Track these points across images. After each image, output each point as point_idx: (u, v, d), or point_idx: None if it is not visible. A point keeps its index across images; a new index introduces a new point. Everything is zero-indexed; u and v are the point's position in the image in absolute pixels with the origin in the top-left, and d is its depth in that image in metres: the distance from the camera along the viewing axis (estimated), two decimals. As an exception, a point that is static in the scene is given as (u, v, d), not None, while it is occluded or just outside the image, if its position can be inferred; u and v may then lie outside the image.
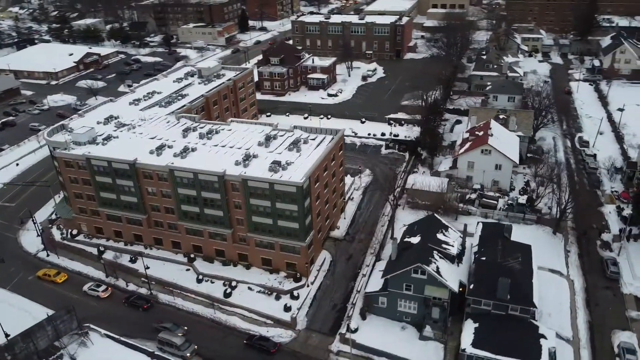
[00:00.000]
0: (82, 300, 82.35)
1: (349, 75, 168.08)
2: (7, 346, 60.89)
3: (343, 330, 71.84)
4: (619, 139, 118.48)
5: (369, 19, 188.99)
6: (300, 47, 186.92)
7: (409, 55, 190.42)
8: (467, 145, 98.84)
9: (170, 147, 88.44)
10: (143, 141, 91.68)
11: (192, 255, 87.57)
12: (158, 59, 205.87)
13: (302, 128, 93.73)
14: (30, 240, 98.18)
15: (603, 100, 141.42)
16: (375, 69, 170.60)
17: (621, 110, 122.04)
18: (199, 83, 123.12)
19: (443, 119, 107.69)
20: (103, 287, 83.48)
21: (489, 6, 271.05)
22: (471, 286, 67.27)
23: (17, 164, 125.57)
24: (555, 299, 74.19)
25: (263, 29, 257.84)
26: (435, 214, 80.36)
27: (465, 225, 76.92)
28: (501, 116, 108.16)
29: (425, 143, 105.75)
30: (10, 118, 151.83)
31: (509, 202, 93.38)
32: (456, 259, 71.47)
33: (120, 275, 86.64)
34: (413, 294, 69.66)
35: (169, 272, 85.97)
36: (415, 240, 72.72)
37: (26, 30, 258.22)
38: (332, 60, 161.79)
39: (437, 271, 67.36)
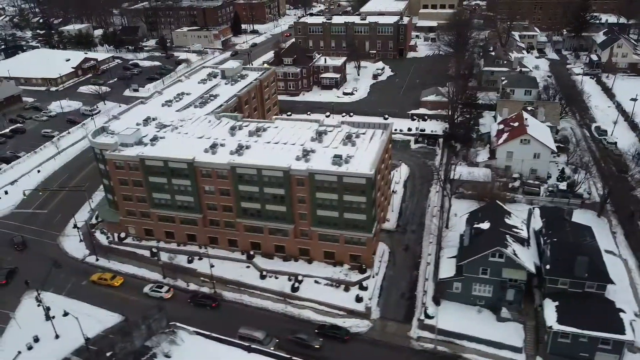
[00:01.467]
0: (144, 302, 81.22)
1: (358, 75, 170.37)
2: (109, 345, 60.03)
3: (421, 316, 73.44)
4: (634, 127, 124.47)
5: (370, 19, 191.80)
6: (302, 46, 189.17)
7: (411, 54, 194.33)
8: (505, 136, 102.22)
9: (222, 145, 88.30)
10: (191, 141, 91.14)
11: (251, 253, 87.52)
12: (157, 63, 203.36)
13: (348, 123, 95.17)
14: (73, 245, 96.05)
15: (608, 92, 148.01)
16: (383, 68, 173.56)
17: (634, 100, 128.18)
18: (225, 84, 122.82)
19: (478, 112, 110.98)
20: (166, 288, 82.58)
21: (469, 7, 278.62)
22: (547, 266, 69.94)
23: (39, 171, 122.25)
24: (615, 277, 77.47)
25: (255, 31, 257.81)
26: (497, 201, 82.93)
27: (530, 210, 79.82)
28: (529, 108, 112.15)
29: (459, 135, 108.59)
30: (19, 125, 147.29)
31: (550, 189, 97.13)
32: (525, 241, 74.17)
33: (177, 276, 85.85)
34: (489, 278, 71.88)
35: (229, 270, 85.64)
36: (485, 225, 75.07)
37: (10, 37, 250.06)
38: (343, 60, 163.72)
39: (514, 254, 69.83)
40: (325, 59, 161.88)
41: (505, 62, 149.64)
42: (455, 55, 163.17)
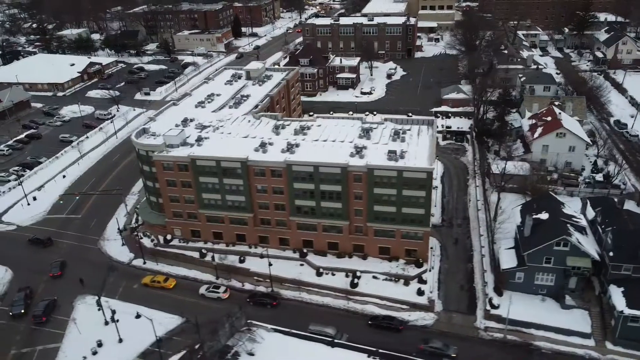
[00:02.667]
0: (202, 304, 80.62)
1: (371, 74, 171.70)
2: (200, 345, 59.46)
3: (487, 307, 74.43)
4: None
5: (378, 20, 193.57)
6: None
7: (419, 54, 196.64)
8: (540, 130, 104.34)
9: (271, 144, 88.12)
10: (237, 140, 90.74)
11: (304, 251, 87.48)
12: (162, 67, 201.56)
13: (392, 120, 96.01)
14: (116, 249, 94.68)
15: (619, 87, 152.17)
16: (395, 68, 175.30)
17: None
18: (253, 84, 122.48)
19: (510, 108, 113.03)
20: (223, 289, 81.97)
21: (460, 8, 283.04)
22: (610, 253, 71.69)
23: (64, 176, 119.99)
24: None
25: (254, 34, 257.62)
26: (550, 192, 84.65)
27: (585, 201, 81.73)
28: (557, 103, 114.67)
29: (492, 131, 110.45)
30: (33, 130, 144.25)
31: (587, 180, 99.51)
32: (584, 230, 75.92)
33: (231, 276, 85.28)
34: (552, 266, 73.33)
35: (283, 269, 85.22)
36: (543, 216, 76.48)
37: (4, 43, 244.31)
38: (358, 60, 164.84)
39: (578, 242, 71.45)
40: (340, 60, 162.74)
41: (519, 60, 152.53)
42: (467, 54, 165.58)
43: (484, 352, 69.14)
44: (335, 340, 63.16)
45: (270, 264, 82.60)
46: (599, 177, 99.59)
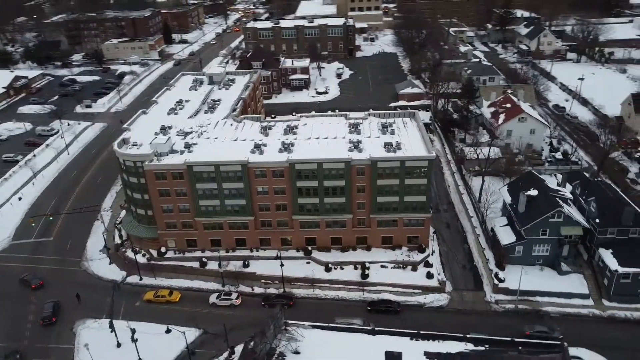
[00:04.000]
0: (215, 312, 78.79)
1: (320, 75, 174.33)
2: (252, 348, 57.98)
3: (495, 281, 79.41)
4: (584, 102, 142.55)
5: (319, 21, 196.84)
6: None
7: (359, 54, 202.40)
8: (503, 116, 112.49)
9: (264, 145, 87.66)
10: (227, 144, 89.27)
11: (309, 248, 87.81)
12: (96, 78, 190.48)
13: (374, 115, 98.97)
14: (105, 268, 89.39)
15: (548, 75, 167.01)
16: (342, 67, 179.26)
17: (581, 79, 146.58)
18: (219, 88, 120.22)
19: (476, 97, 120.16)
20: (235, 295, 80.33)
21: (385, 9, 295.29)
22: (597, 220, 79.51)
23: (20, 198, 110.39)
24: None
25: (184, 41, 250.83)
26: (532, 170, 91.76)
27: (564, 175, 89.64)
28: (509, 91, 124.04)
29: (456, 121, 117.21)
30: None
31: (549, 159, 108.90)
32: (570, 201, 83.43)
33: (238, 282, 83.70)
34: (548, 237, 79.87)
35: (291, 269, 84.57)
36: (533, 193, 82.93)
37: None
38: (308, 61, 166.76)
39: (570, 212, 78.52)
40: (292, 61, 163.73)
41: (459, 54, 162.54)
42: (409, 51, 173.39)
43: (501, 323, 73.66)
44: (376, 328, 64.50)
45: (282, 264, 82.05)
46: (559, 155, 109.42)
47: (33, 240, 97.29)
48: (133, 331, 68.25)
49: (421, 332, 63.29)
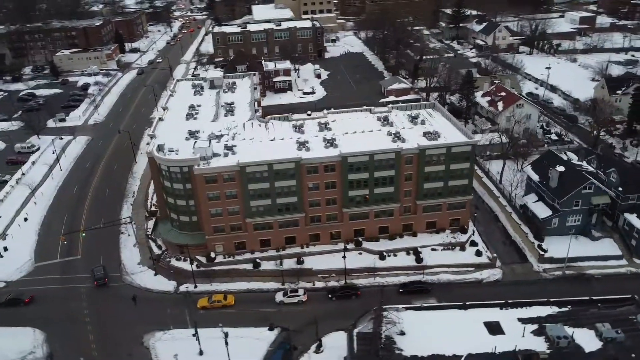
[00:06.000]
0: (285, 310, 78.95)
1: (298, 77, 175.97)
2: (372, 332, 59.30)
3: (540, 252, 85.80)
4: (553, 89, 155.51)
5: (288, 24, 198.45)
6: (222, 56, 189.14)
7: (327, 55, 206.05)
8: (501, 104, 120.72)
9: (306, 142, 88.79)
10: (267, 144, 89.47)
11: (360, 239, 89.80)
12: (58, 90, 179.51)
13: (396, 107, 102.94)
14: (152, 281, 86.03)
15: (511, 67, 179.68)
16: (319, 68, 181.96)
17: (548, 68, 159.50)
18: (225, 92, 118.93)
19: (475, 87, 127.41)
20: (302, 291, 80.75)
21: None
22: (620, 188, 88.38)
23: (26, 219, 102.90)
24: None
25: (135, 49, 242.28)
26: (552, 150, 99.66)
27: (582, 151, 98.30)
28: (496, 81, 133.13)
29: (460, 110, 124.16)
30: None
31: (546, 141, 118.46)
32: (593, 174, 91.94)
33: (298, 279, 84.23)
34: (580, 208, 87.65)
35: (346, 260, 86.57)
36: (560, 168, 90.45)
37: None
38: (288, 63, 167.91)
39: (599, 183, 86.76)
40: (274, 64, 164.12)
41: (432, 50, 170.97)
42: (381, 51, 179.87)
43: (553, 288, 79.76)
44: (467, 303, 68.08)
45: (343, 256, 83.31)
46: (554, 136, 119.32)
47: (60, 261, 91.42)
48: (226, 335, 66.87)
49: (509, 301, 67.80)
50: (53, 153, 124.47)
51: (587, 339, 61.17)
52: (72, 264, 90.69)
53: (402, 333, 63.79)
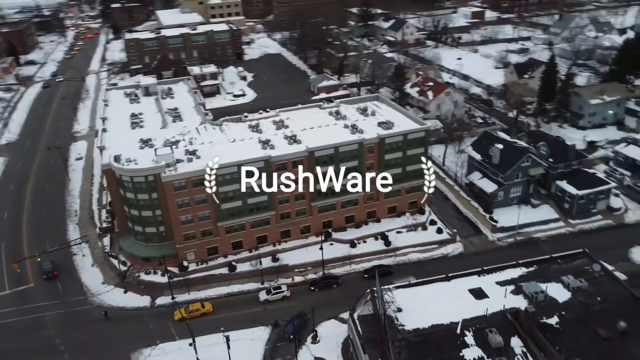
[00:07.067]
0: (272, 307, 79.48)
1: (223, 80, 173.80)
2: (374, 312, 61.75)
3: (492, 224, 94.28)
4: (465, 78, 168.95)
5: (204, 28, 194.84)
6: (137, 63, 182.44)
7: (246, 57, 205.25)
8: (431, 93, 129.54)
9: (269, 140, 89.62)
10: (228, 146, 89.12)
11: (329, 231, 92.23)
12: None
13: (343, 102, 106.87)
14: (123, 298, 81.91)
15: (424, 60, 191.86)
16: (243, 70, 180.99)
17: (459, 59, 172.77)
18: (163, 98, 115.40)
19: (407, 79, 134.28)
20: (284, 287, 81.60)
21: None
22: (550, 160, 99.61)
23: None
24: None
25: (31, 62, 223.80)
26: (487, 131, 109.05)
27: (515, 131, 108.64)
28: (420, 72, 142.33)
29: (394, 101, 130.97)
30: None
31: (473, 124, 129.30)
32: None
33: (277, 276, 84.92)
34: (520, 180, 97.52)
35: (319, 253, 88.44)
36: (500, 146, 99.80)
37: None
38: (214, 67, 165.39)
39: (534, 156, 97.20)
40: (200, 68, 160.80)
41: (352, 47, 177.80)
42: (301, 51, 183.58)
43: (510, 254, 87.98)
44: (449, 275, 73.15)
45: (320, 248, 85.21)
46: (479, 120, 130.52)
47: (10, 292, 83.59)
48: (227, 338, 66.02)
49: (484, 268, 74.19)
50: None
51: (557, 291, 68.88)
52: (26, 294, 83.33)
53: (399, 310, 67.37)
